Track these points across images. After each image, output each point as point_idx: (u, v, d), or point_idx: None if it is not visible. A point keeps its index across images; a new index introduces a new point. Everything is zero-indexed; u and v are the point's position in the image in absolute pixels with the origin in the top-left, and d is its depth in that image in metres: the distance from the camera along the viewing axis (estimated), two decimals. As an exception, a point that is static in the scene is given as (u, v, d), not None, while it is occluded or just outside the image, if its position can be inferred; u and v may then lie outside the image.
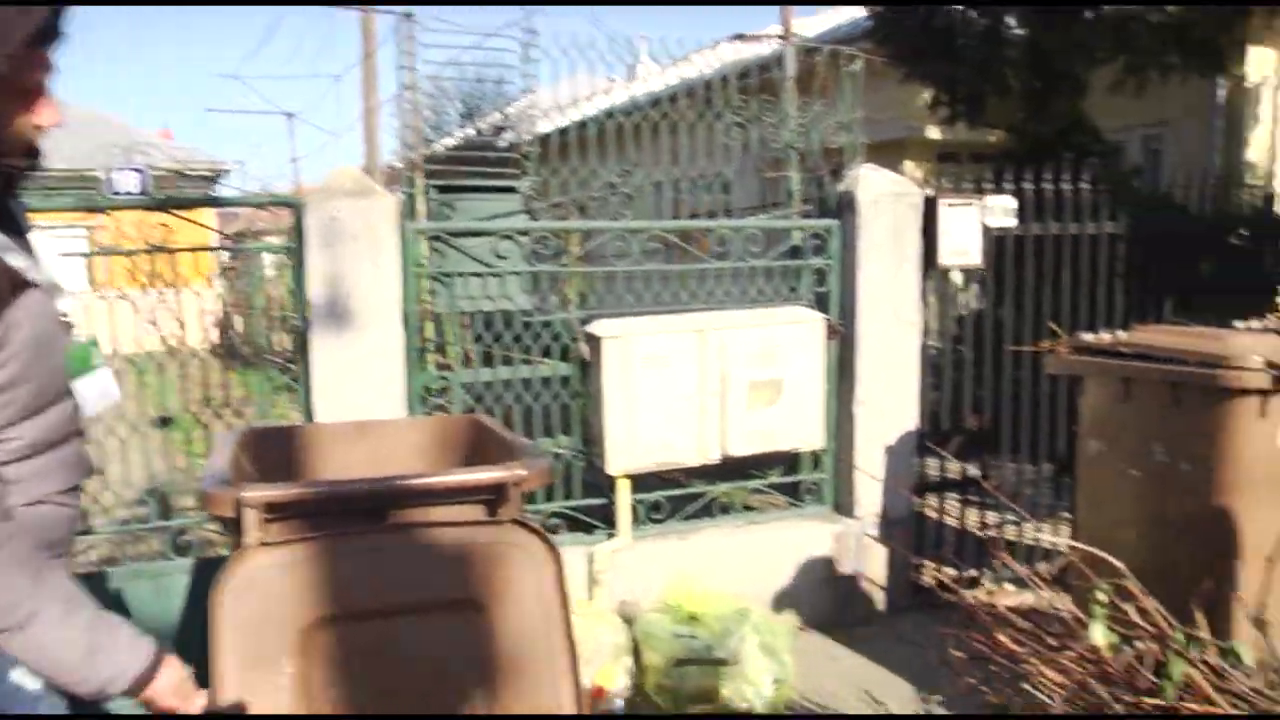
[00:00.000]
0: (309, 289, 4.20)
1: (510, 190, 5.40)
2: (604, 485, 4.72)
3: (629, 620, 4.47)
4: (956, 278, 5.78)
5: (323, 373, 4.25)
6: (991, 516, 5.58)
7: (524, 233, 4.70)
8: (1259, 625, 3.01)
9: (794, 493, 5.24)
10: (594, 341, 4.50)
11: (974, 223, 5.29)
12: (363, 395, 4.26)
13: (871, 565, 5.16)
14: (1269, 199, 7.18)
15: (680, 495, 4.95)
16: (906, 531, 5.25)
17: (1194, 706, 2.82)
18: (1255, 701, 2.81)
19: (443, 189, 5.28)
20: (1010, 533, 5.57)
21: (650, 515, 4.83)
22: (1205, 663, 2.96)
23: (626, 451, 4.57)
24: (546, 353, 4.61)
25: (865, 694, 4.31)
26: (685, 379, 4.62)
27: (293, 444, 3.09)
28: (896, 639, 4.00)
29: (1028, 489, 5.74)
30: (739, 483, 5.07)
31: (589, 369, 4.60)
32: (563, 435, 4.68)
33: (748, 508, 5.17)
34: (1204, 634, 2.88)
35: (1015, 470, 5.70)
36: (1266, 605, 3.12)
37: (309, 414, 4.25)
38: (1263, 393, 4.07)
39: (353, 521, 2.33)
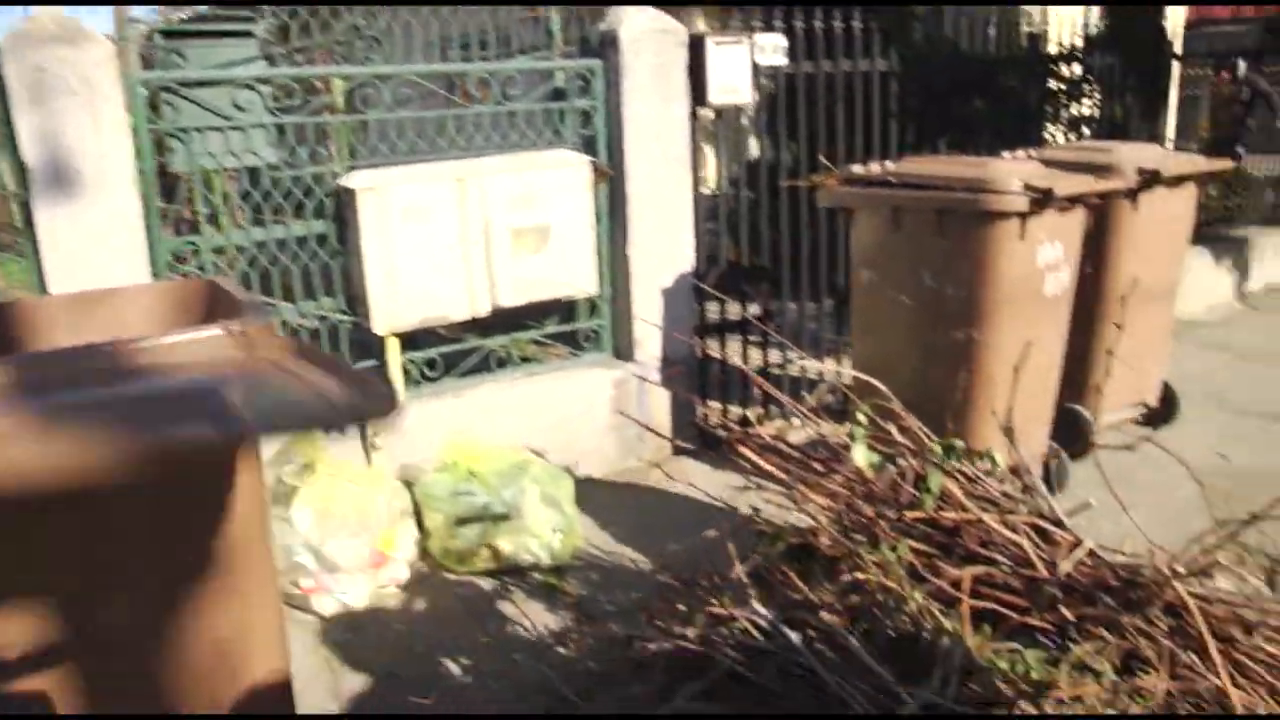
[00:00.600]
0: (23, 153, 3.81)
1: (246, 35, 5.00)
2: (375, 346, 4.52)
3: (409, 483, 4.35)
4: (745, 122, 5.72)
5: (52, 245, 3.87)
6: (776, 356, 5.61)
7: (265, 81, 4.35)
8: (1008, 434, 3.07)
9: (573, 341, 5.14)
10: (349, 194, 4.24)
11: (743, 60, 5.21)
12: (100, 266, 3.91)
13: (654, 410, 5.14)
14: (1034, 39, 7.31)
15: (455, 351, 4.79)
16: (688, 374, 5.24)
17: (951, 515, 2.87)
18: (1002, 503, 2.88)
19: (168, 34, 4.84)
20: (794, 370, 5.63)
21: (425, 374, 4.67)
22: (960, 473, 3.02)
23: (391, 309, 4.37)
24: (299, 210, 4.33)
25: (650, 539, 4.32)
26: (447, 229, 4.42)
27: (4, 324, 2.79)
28: (681, 481, 3.98)
29: (810, 325, 5.80)
30: (515, 334, 4.94)
31: (346, 224, 4.35)
32: (326, 297, 4.44)
33: (526, 360, 5.05)
34: (958, 444, 2.92)
35: (798, 308, 5.74)
36: (1014, 414, 3.20)
37: (42, 291, 3.91)
38: (1022, 215, 4.17)
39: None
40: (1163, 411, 5.54)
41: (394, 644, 3.73)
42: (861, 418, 3.07)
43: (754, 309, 5.43)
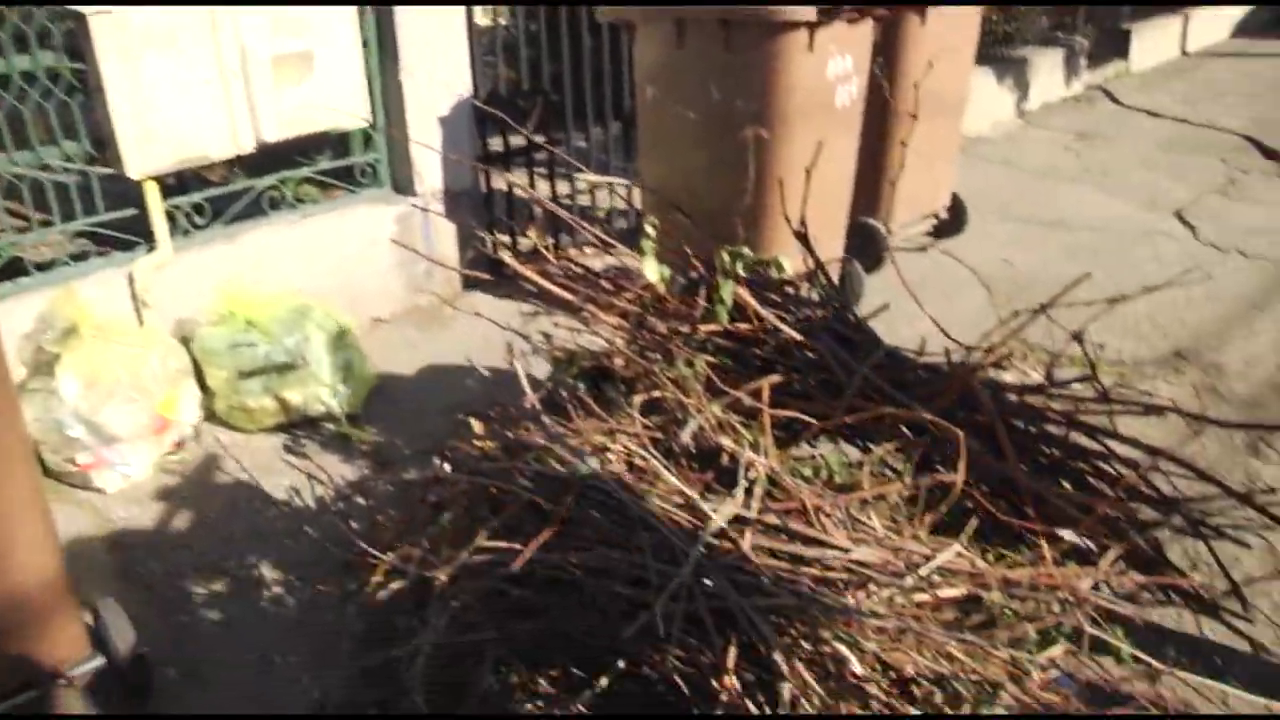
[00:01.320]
0: None
1: None
2: (134, 194, 4.12)
3: (186, 340, 4.06)
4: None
5: None
6: (565, 188, 5.45)
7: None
8: (801, 239, 3.00)
9: (351, 178, 4.82)
10: (79, 20, 3.78)
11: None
12: None
13: (441, 244, 4.91)
14: None
15: (223, 194, 4.41)
16: (474, 205, 5.02)
17: (746, 326, 2.79)
18: (798, 311, 2.82)
19: None
20: (584, 200, 5.49)
21: (193, 221, 4.30)
22: (755, 283, 2.94)
23: (143, 150, 3.95)
24: (20, 41, 3.83)
25: (444, 377, 4.17)
26: (200, 58, 4.00)
27: None
28: (473, 315, 3.82)
29: (599, 156, 5.62)
30: (286, 173, 4.57)
31: (83, 56, 3.89)
32: (70, 142, 4.00)
33: (300, 200, 4.70)
34: (747, 252, 2.82)
35: (584, 135, 5.55)
36: (808, 225, 3.12)
37: None
38: (810, 25, 4.07)
39: None
40: (952, 222, 5.64)
41: (184, 514, 3.52)
42: (650, 230, 2.93)
43: (539, 137, 5.21)
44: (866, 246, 4.88)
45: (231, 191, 4.43)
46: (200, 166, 4.30)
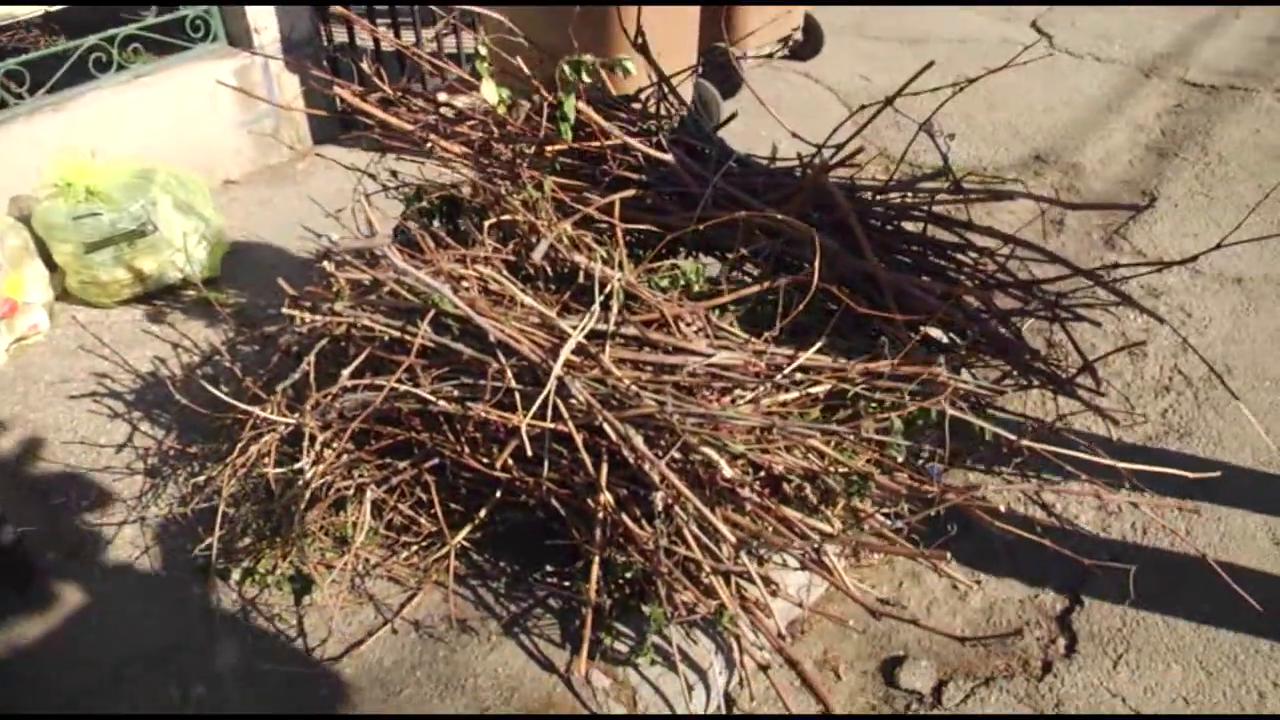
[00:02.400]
0: None
1: None
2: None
3: (25, 217, 3.84)
4: None
5: None
6: (409, 39, 5.24)
7: None
8: (642, 51, 2.92)
9: (182, 34, 4.52)
10: None
11: None
12: None
13: (285, 97, 4.69)
14: None
15: (41, 58, 4.13)
16: (315, 55, 4.78)
17: (594, 143, 2.74)
18: (648, 125, 2.77)
19: None
20: (430, 48, 5.28)
21: (12, 90, 4.04)
22: (603, 101, 2.87)
23: (-62, 13, 3.70)
24: None
25: (302, 230, 4.04)
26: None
27: None
28: (328, 167, 3.67)
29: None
30: (111, 31, 4.28)
31: None
32: None
33: (132, 61, 4.42)
34: (588, 59, 2.71)
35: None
36: (655, 40, 3.02)
37: None
38: None
39: None
40: (808, 44, 5.58)
41: (48, 397, 3.38)
42: (484, 50, 2.80)
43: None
44: (720, 72, 4.79)
45: (51, 54, 4.13)
46: (12, 30, 4.01)
